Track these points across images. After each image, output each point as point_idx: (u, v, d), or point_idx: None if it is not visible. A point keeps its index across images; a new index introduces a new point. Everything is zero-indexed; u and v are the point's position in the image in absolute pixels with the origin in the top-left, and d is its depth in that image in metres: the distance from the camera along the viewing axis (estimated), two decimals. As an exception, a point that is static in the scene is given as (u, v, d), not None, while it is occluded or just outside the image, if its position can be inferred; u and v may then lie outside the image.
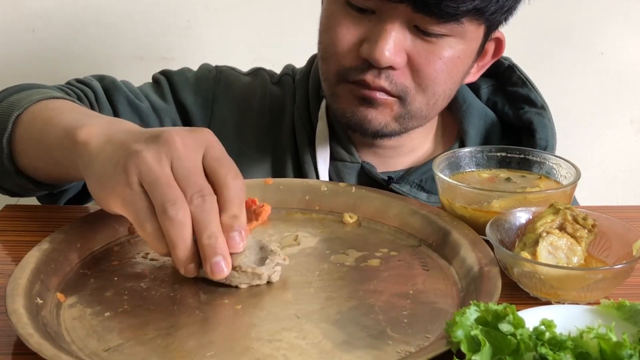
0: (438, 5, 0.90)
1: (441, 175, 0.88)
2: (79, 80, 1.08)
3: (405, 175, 1.11)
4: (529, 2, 1.01)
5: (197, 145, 0.72)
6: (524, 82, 1.16)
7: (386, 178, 1.09)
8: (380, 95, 0.98)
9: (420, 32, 0.95)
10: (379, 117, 1.00)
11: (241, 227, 0.71)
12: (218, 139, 0.74)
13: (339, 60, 0.98)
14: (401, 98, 0.98)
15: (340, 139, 1.11)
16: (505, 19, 1.01)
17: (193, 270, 0.71)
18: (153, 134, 0.72)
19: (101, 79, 1.10)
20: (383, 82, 0.96)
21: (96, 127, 0.77)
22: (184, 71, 1.17)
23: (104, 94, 1.07)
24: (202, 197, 0.69)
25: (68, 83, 1.08)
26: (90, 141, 0.75)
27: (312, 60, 1.17)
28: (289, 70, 1.20)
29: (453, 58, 0.97)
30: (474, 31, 0.97)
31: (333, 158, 1.11)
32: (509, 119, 1.16)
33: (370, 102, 0.99)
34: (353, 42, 0.96)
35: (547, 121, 1.13)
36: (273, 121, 1.15)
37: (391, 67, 0.95)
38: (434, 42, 0.95)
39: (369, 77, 0.96)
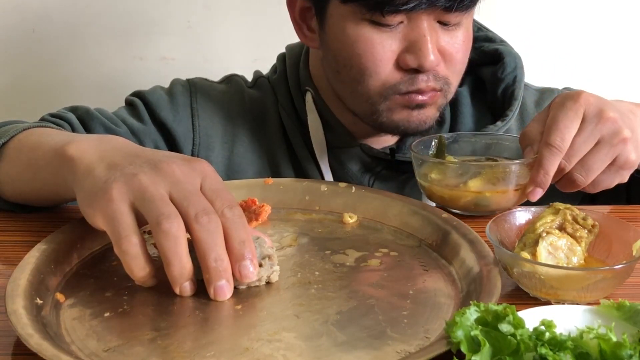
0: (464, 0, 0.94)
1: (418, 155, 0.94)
2: (52, 115, 1.07)
3: (401, 144, 1.12)
4: None
5: (194, 174, 0.72)
6: (479, 28, 1.19)
7: (387, 152, 1.10)
8: (431, 96, 1.01)
9: (443, 24, 0.98)
10: (428, 114, 1.03)
11: (252, 253, 0.70)
12: (214, 170, 0.74)
13: (382, 79, 0.99)
14: (443, 89, 1.02)
15: (334, 127, 1.11)
16: None
17: (188, 289, 0.70)
18: (150, 160, 0.72)
19: (74, 109, 1.09)
20: (433, 83, 0.99)
21: (85, 143, 0.77)
22: (157, 89, 1.14)
23: (79, 124, 1.06)
24: (207, 215, 0.68)
25: (42, 119, 1.06)
26: (81, 157, 0.75)
27: (283, 59, 1.17)
28: (261, 74, 1.20)
29: (469, 34, 1.02)
30: None
31: (330, 146, 1.11)
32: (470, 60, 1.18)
33: (422, 106, 1.01)
34: (393, 58, 0.98)
35: (510, 49, 1.16)
36: (257, 124, 1.14)
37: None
38: (455, 28, 0.99)
39: (422, 84, 0.99)
